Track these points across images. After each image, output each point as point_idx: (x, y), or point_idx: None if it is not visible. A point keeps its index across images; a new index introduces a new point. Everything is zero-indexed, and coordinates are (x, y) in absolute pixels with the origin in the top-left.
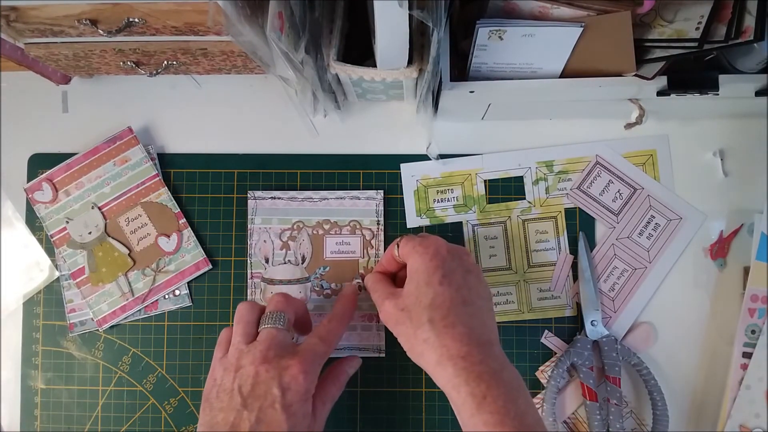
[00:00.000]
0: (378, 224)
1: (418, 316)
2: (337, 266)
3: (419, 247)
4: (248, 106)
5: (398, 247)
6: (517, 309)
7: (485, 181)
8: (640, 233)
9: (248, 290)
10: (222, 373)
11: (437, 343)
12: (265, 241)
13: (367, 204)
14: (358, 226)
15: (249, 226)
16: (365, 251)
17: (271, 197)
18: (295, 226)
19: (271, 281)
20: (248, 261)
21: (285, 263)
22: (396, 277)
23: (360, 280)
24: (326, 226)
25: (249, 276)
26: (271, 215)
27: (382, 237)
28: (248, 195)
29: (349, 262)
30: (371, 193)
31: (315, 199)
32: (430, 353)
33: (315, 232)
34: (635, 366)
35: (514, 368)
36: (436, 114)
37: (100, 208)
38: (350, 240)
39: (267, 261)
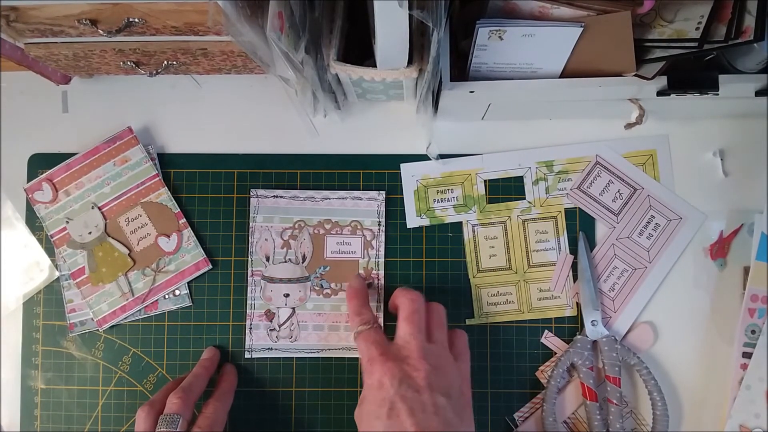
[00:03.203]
0: (379, 225)
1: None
2: (337, 266)
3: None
4: (248, 106)
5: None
6: (517, 309)
7: (485, 181)
8: (640, 233)
9: (248, 288)
10: None
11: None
12: (266, 239)
13: (369, 205)
14: (359, 227)
15: (250, 224)
16: (365, 252)
17: (273, 195)
18: (296, 225)
19: (271, 279)
20: (249, 259)
21: (285, 262)
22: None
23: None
24: (327, 226)
25: (249, 274)
26: (272, 213)
27: (382, 238)
28: (250, 193)
29: (349, 262)
30: (373, 193)
31: (317, 199)
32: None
33: (316, 231)
34: (635, 366)
35: None
36: (436, 114)
37: (100, 208)
38: (351, 240)
39: (267, 259)
